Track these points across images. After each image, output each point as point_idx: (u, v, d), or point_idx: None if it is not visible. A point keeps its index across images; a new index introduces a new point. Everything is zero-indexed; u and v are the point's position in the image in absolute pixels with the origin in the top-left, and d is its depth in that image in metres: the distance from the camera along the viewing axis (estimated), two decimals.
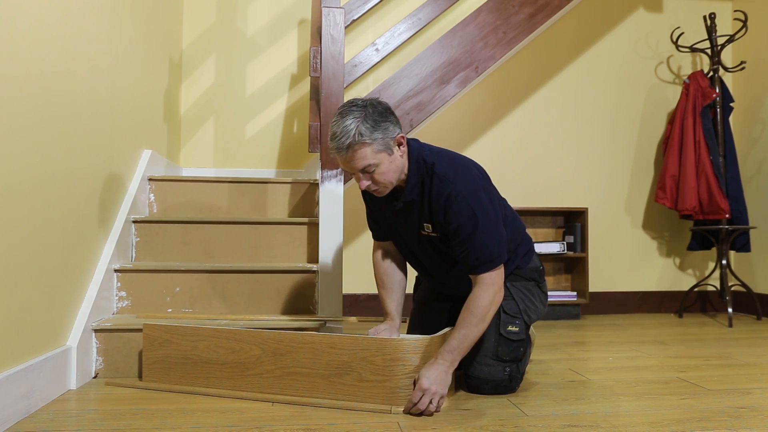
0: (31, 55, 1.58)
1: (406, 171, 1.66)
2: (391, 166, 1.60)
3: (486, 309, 1.60)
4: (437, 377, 1.54)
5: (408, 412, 1.53)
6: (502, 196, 1.97)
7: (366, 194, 1.84)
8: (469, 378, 1.75)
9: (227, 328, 1.74)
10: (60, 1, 1.75)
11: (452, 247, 1.65)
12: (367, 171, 1.58)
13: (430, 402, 1.52)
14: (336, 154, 1.59)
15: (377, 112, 1.57)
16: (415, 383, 1.55)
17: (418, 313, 2.03)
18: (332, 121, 1.59)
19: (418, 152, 1.66)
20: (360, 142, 1.54)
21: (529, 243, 1.89)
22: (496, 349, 1.73)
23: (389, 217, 1.79)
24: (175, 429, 1.42)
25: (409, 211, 1.71)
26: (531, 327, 1.97)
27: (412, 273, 3.51)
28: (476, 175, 1.66)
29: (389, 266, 1.88)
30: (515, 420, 1.49)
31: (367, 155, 1.56)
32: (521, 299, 1.80)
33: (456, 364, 1.60)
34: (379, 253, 1.91)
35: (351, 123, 1.55)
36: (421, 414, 1.52)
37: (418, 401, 1.51)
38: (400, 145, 1.62)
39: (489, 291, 1.60)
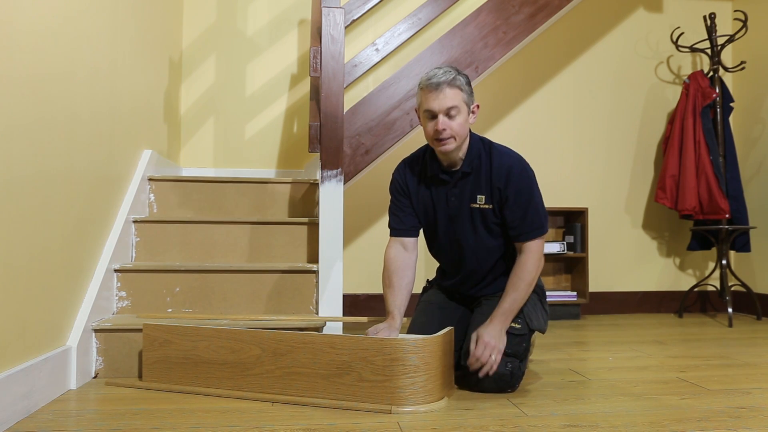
0: (31, 55, 1.58)
1: (467, 143, 1.82)
2: (465, 123, 1.77)
3: (533, 275, 1.78)
4: (496, 334, 1.73)
5: (471, 367, 1.72)
6: None
7: (403, 184, 1.91)
8: (471, 373, 1.75)
9: (227, 328, 1.74)
10: (60, 1, 1.75)
11: (507, 213, 1.80)
12: (449, 114, 1.74)
13: (491, 356, 1.69)
14: (429, 91, 1.74)
15: (467, 78, 1.80)
16: (475, 342, 1.74)
17: (422, 314, 2.02)
18: (427, 72, 1.78)
19: (475, 135, 1.86)
20: (458, 85, 1.74)
21: None
22: None
23: (429, 200, 1.89)
24: (175, 429, 1.42)
25: (463, 183, 1.84)
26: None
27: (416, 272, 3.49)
28: (526, 162, 1.85)
29: (401, 266, 1.89)
30: (515, 420, 1.49)
31: (457, 97, 1.74)
32: (525, 305, 1.84)
33: (508, 325, 1.77)
34: (393, 250, 1.91)
35: (450, 70, 1.76)
36: (481, 368, 1.71)
37: (481, 354, 1.70)
38: (473, 113, 1.81)
39: (535, 258, 1.79)
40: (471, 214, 1.84)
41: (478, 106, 1.82)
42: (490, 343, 1.71)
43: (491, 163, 1.80)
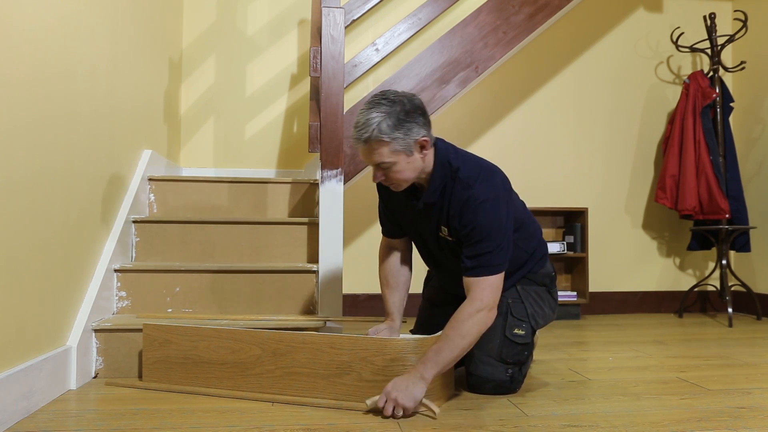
0: (31, 54, 1.58)
1: (429, 170, 1.63)
2: (408, 167, 1.57)
3: (474, 327, 1.53)
4: (400, 385, 1.48)
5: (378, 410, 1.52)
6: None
7: (383, 189, 1.81)
8: (471, 376, 1.74)
9: (227, 328, 1.74)
10: (60, 1, 1.75)
11: (463, 246, 1.62)
12: (381, 167, 1.57)
13: (394, 409, 1.47)
14: (355, 143, 1.57)
15: (404, 111, 1.53)
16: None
17: (426, 313, 2.02)
18: (360, 110, 1.57)
19: (444, 154, 1.63)
20: (377, 139, 1.52)
21: (544, 247, 1.87)
22: (500, 351, 1.72)
23: (408, 213, 1.76)
24: (175, 429, 1.42)
25: (429, 212, 1.69)
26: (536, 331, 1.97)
27: (417, 271, 3.49)
28: (498, 183, 1.62)
29: (395, 265, 1.87)
30: (515, 420, 1.49)
31: (383, 153, 1.54)
32: (530, 304, 1.79)
33: (428, 378, 1.49)
34: (387, 250, 1.89)
35: (375, 117, 1.52)
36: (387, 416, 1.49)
37: (384, 409, 1.48)
38: (423, 147, 1.58)
39: (476, 308, 1.53)
40: (438, 240, 1.73)
41: (427, 140, 1.57)
42: (390, 394, 1.47)
43: (451, 197, 1.61)
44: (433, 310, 1.99)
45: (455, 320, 1.54)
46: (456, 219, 1.61)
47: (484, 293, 1.55)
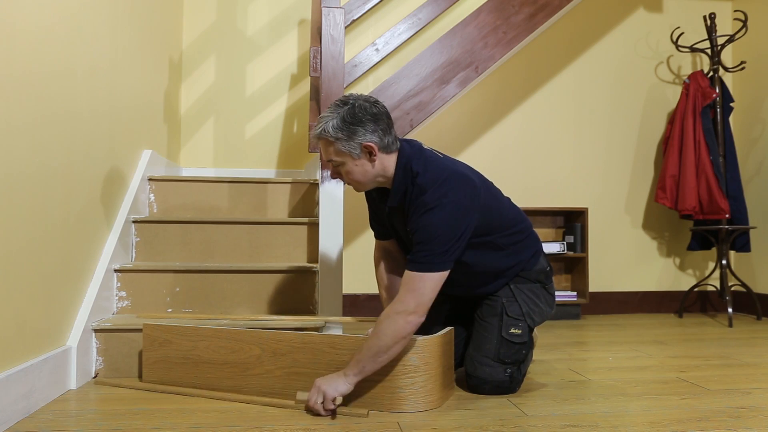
0: (31, 54, 1.58)
1: (390, 175, 1.64)
2: (356, 169, 1.60)
3: (384, 329, 1.50)
4: (328, 378, 1.52)
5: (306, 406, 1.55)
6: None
7: (367, 193, 1.83)
8: (470, 377, 1.75)
9: (227, 328, 1.75)
10: (60, 1, 1.75)
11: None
12: (333, 164, 1.62)
13: (322, 402, 1.50)
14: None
15: (351, 114, 1.56)
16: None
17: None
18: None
19: (407, 159, 1.63)
20: (323, 137, 1.58)
21: (536, 244, 1.85)
22: (498, 351, 1.72)
23: (385, 215, 1.79)
24: (175, 429, 1.42)
25: (396, 214, 1.72)
26: (534, 329, 1.97)
27: None
28: (457, 191, 1.58)
29: (389, 265, 1.89)
30: (515, 420, 1.49)
31: (330, 152, 1.60)
32: (525, 302, 1.79)
33: (349, 374, 1.51)
34: (380, 252, 1.91)
35: (326, 117, 1.58)
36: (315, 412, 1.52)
37: (309, 399, 1.51)
38: (371, 153, 1.58)
39: (395, 310, 1.51)
40: (410, 240, 1.69)
41: (370, 145, 1.57)
42: (318, 386, 1.51)
43: (410, 201, 1.62)
44: (431, 308, 1.99)
45: (378, 320, 1.53)
46: (409, 223, 1.62)
47: (408, 296, 1.52)
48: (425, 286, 1.53)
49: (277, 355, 1.67)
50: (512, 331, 1.74)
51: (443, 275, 1.55)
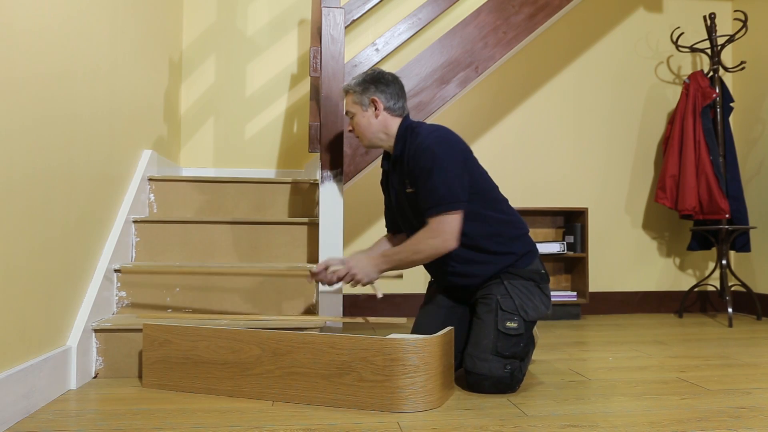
0: (30, 54, 1.58)
1: (393, 134, 1.92)
2: (362, 120, 1.92)
3: (422, 246, 1.76)
4: (362, 264, 1.82)
5: (317, 276, 1.89)
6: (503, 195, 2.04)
7: (383, 182, 2.05)
8: (469, 374, 1.75)
9: (227, 328, 1.75)
10: (60, 1, 1.75)
11: (418, 191, 1.81)
12: (348, 116, 1.97)
13: (336, 277, 1.83)
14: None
15: (373, 76, 1.92)
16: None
17: (425, 311, 2.03)
18: None
19: (409, 123, 1.92)
20: (346, 90, 1.96)
21: (531, 246, 1.92)
22: (495, 345, 1.74)
23: (390, 188, 2.00)
24: (175, 429, 1.42)
25: (395, 171, 1.93)
26: (535, 328, 1.97)
27: (419, 271, 3.49)
28: (452, 137, 1.81)
29: (390, 239, 2.12)
30: (515, 420, 1.49)
31: (348, 102, 1.96)
32: (518, 296, 1.81)
33: (382, 269, 1.82)
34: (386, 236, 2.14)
35: (354, 77, 1.96)
36: (324, 282, 1.88)
37: (343, 273, 1.81)
38: (375, 107, 1.91)
39: (431, 235, 1.75)
40: (407, 199, 1.89)
41: (374, 99, 1.90)
42: (354, 272, 1.80)
43: (409, 147, 1.86)
44: (431, 309, 2.00)
45: (413, 240, 1.78)
46: (412, 161, 1.82)
47: (441, 227, 1.75)
48: (454, 223, 1.75)
49: (277, 355, 1.67)
50: (508, 324, 1.77)
51: (460, 214, 1.76)
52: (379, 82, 1.91)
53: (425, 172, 1.76)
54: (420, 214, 1.83)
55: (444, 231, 1.74)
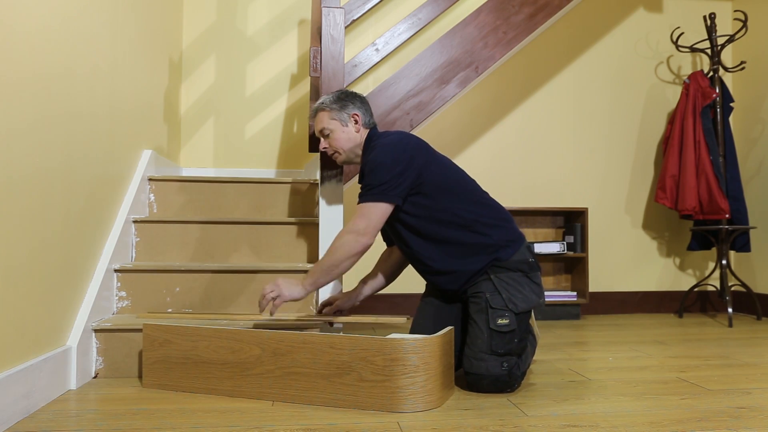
0: (31, 55, 1.58)
1: (361, 148, 1.97)
2: (342, 135, 1.95)
3: (336, 241, 1.78)
4: (288, 281, 1.82)
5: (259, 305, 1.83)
6: (484, 189, 2.05)
7: None
8: (468, 375, 1.75)
9: (227, 328, 1.75)
10: (60, 1, 1.75)
11: None
12: (323, 134, 1.97)
13: (266, 296, 1.79)
14: (310, 120, 1.99)
15: (345, 93, 1.98)
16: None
17: (422, 312, 2.02)
18: None
19: (372, 134, 1.97)
20: (321, 108, 1.97)
21: (515, 235, 1.87)
22: (490, 344, 1.74)
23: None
24: (175, 429, 1.42)
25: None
26: (536, 328, 1.97)
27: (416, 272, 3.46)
28: (404, 140, 1.83)
29: (383, 261, 2.14)
30: (515, 420, 1.49)
31: (323, 119, 1.96)
32: (505, 289, 1.79)
33: (305, 284, 1.81)
34: (384, 253, 2.17)
35: (324, 97, 1.98)
36: (261, 308, 1.82)
37: (264, 290, 1.80)
38: (356, 121, 1.95)
39: (347, 228, 1.78)
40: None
41: (356, 114, 1.95)
42: (279, 284, 1.80)
43: (365, 157, 1.92)
44: (428, 308, 2.00)
45: (332, 241, 1.85)
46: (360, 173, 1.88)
47: (358, 220, 1.77)
48: (372, 213, 1.77)
49: (277, 355, 1.67)
50: (499, 321, 1.75)
51: (389, 207, 1.79)
52: (354, 98, 1.97)
53: (365, 175, 1.82)
54: (390, 225, 1.90)
55: (362, 216, 1.77)
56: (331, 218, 2.23)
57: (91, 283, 2.00)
